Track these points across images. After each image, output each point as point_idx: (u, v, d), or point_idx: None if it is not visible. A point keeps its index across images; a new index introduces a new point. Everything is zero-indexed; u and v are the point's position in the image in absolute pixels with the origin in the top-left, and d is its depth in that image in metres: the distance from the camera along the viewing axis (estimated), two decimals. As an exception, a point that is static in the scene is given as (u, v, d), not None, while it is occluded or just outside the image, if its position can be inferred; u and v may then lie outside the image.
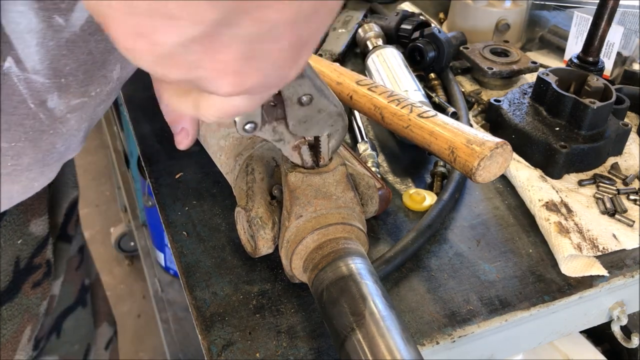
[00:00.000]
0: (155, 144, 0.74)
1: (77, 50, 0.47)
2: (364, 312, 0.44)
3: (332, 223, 0.50)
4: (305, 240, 0.50)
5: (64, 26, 0.44)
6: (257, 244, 0.52)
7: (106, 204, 2.30)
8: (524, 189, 0.68)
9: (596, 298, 0.61)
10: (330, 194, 0.51)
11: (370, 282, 0.47)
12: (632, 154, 0.76)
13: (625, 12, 0.89)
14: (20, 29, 0.42)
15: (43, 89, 0.46)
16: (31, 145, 0.49)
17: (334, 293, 0.46)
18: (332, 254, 0.49)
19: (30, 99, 0.46)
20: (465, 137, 0.57)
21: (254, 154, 0.55)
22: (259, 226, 0.52)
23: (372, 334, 0.43)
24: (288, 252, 0.51)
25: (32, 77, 0.45)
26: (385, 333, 0.43)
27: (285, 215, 0.51)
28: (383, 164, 0.74)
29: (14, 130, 0.47)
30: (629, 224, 0.65)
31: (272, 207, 0.53)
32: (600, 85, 0.73)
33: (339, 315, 0.45)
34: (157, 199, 0.67)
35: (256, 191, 0.53)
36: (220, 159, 0.60)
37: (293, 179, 0.49)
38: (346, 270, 0.47)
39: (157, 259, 1.67)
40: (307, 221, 0.50)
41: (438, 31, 0.88)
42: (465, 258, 0.61)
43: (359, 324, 0.43)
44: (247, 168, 0.55)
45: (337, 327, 0.45)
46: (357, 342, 0.43)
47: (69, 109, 0.49)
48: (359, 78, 0.71)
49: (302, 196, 0.50)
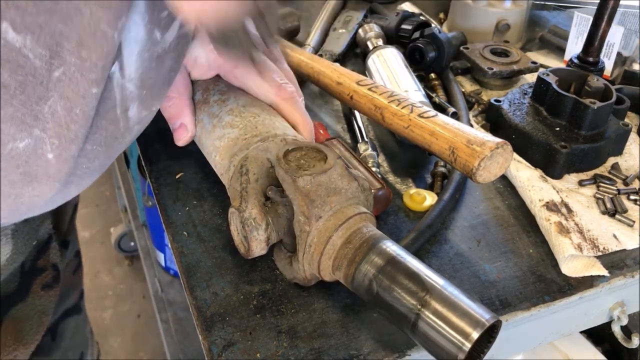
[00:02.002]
0: (155, 144, 0.74)
1: (160, 65, 0.50)
2: (426, 287, 0.45)
3: (351, 215, 0.50)
4: (332, 239, 0.50)
5: (159, 41, 0.48)
6: (250, 245, 0.52)
7: (106, 204, 2.30)
8: (524, 189, 0.68)
9: (596, 298, 0.61)
10: (339, 189, 0.51)
11: (411, 259, 0.47)
12: (633, 154, 0.76)
13: (625, 12, 0.89)
14: (129, 37, 0.45)
15: (130, 97, 0.48)
16: (104, 151, 0.50)
17: (385, 279, 0.46)
18: (364, 243, 0.49)
19: (119, 106, 0.48)
20: (465, 137, 0.57)
21: (249, 155, 0.55)
22: (253, 227, 0.51)
23: (443, 304, 0.43)
24: (313, 256, 0.51)
25: (127, 84, 0.47)
26: (454, 300, 0.44)
27: (302, 221, 0.50)
28: (383, 164, 0.74)
29: (99, 134, 0.48)
30: (630, 224, 0.65)
31: (266, 208, 0.53)
32: (600, 86, 0.73)
33: (400, 298, 0.45)
34: (157, 199, 0.67)
35: (250, 192, 0.53)
36: (215, 159, 0.60)
37: (302, 182, 0.49)
38: (387, 255, 0.48)
39: (157, 259, 1.67)
40: (326, 220, 0.50)
41: (438, 31, 0.88)
42: (465, 258, 0.61)
43: (425, 300, 0.44)
44: (242, 169, 0.54)
45: (401, 311, 0.45)
46: (431, 315, 0.44)
47: (138, 120, 0.51)
48: (359, 78, 0.71)
49: (317, 197, 0.49)
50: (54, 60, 0.40)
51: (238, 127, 0.59)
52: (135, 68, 0.47)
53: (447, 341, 0.43)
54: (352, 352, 0.51)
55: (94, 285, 1.99)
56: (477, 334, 0.42)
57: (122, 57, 0.45)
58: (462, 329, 0.42)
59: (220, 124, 0.61)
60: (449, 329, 0.43)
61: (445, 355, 0.43)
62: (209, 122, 0.62)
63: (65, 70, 0.41)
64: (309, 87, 0.88)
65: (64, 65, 0.41)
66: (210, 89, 0.64)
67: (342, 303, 0.55)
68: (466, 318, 0.43)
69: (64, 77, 0.41)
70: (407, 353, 0.52)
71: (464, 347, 0.42)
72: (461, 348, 0.42)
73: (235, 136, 0.58)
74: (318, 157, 0.52)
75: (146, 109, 0.51)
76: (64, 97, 0.42)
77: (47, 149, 0.44)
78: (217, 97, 0.63)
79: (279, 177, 0.51)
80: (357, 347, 0.52)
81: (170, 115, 0.62)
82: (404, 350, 0.52)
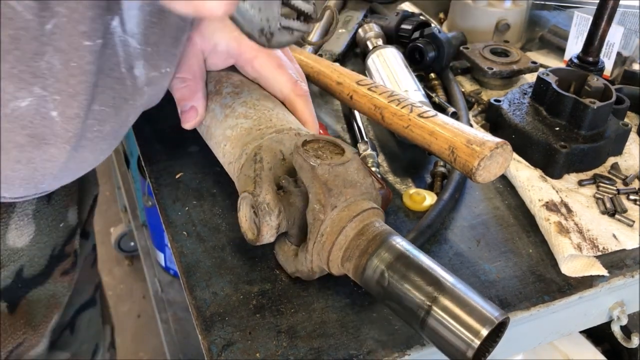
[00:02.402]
0: (155, 144, 0.74)
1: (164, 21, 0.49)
2: (436, 283, 0.45)
3: (366, 209, 0.51)
4: (345, 230, 0.50)
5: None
6: (262, 229, 0.52)
7: (106, 204, 2.30)
8: (524, 189, 0.68)
9: (596, 298, 0.61)
10: (355, 182, 0.51)
11: (422, 256, 0.48)
12: (632, 154, 0.76)
13: (625, 12, 0.89)
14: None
15: (134, 54, 0.48)
16: (114, 113, 0.49)
17: (396, 274, 0.47)
18: (377, 236, 0.49)
19: (124, 63, 0.47)
20: (465, 137, 0.57)
21: (263, 144, 0.55)
22: (266, 212, 0.51)
23: (453, 301, 0.44)
24: (325, 245, 0.51)
25: (129, 39, 0.46)
26: (464, 296, 0.44)
27: (317, 209, 0.50)
28: (383, 164, 0.74)
29: (106, 94, 0.48)
30: (629, 224, 0.65)
31: (279, 196, 0.53)
32: (600, 85, 0.73)
33: (410, 294, 0.45)
34: (157, 199, 0.67)
35: (264, 178, 0.53)
36: (225, 148, 0.60)
37: (321, 171, 0.49)
38: (398, 249, 0.48)
39: (157, 259, 1.67)
40: (341, 211, 0.50)
41: (438, 31, 0.88)
42: (465, 258, 0.61)
43: (435, 296, 0.44)
44: (256, 157, 0.55)
45: (411, 307, 0.45)
46: (440, 311, 0.44)
47: (147, 81, 0.50)
48: (359, 78, 0.71)
49: (334, 187, 0.50)
50: (43, 12, 0.40)
51: (252, 118, 0.59)
52: (137, 23, 0.46)
53: (456, 338, 0.43)
54: (351, 351, 0.51)
55: (94, 285, 1.99)
56: (486, 331, 0.42)
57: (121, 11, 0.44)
58: (472, 326, 0.42)
59: (234, 114, 0.61)
60: (459, 326, 0.43)
61: (454, 352, 0.43)
62: (220, 112, 0.62)
63: (57, 22, 0.41)
64: (309, 87, 0.88)
65: (56, 17, 0.41)
66: (223, 81, 0.65)
67: (341, 303, 0.55)
68: (475, 315, 0.43)
69: (57, 29, 0.41)
70: (406, 353, 0.52)
71: (473, 344, 0.42)
72: (470, 345, 0.42)
73: (249, 126, 0.59)
74: (335, 151, 0.53)
75: (154, 69, 0.51)
76: (59, 50, 0.42)
77: (50, 106, 0.44)
78: (230, 89, 0.63)
79: (297, 165, 0.51)
80: (357, 346, 0.52)
81: (182, 97, 0.62)
82: (403, 350, 0.52)
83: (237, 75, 0.66)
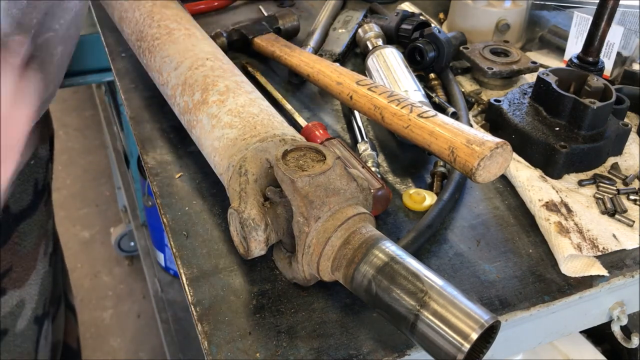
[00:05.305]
0: (156, 144, 0.74)
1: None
2: (424, 288, 0.45)
3: (350, 216, 0.50)
4: (331, 240, 0.50)
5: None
6: (250, 245, 0.52)
7: (106, 204, 2.30)
8: (524, 189, 0.68)
9: (596, 298, 0.61)
10: (338, 189, 0.51)
11: (411, 260, 0.47)
12: (632, 154, 0.76)
13: (625, 12, 0.89)
14: None
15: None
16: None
17: (384, 280, 0.46)
18: (363, 244, 0.49)
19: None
20: (465, 137, 0.57)
21: (247, 156, 0.55)
22: (252, 227, 0.51)
23: (442, 305, 0.44)
24: (312, 257, 0.51)
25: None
26: (453, 300, 0.44)
27: (301, 222, 0.50)
28: (383, 164, 0.74)
29: None
30: (629, 224, 0.65)
31: (265, 209, 0.53)
32: (600, 85, 0.73)
33: (399, 299, 0.45)
34: (157, 199, 0.67)
35: (249, 192, 0.53)
36: (215, 159, 0.60)
37: (301, 184, 0.49)
38: (386, 256, 0.48)
39: (157, 259, 1.67)
40: (325, 221, 0.50)
41: (438, 31, 0.88)
42: (465, 258, 0.61)
43: (424, 301, 0.44)
44: (241, 169, 0.55)
45: (400, 311, 0.45)
46: (430, 316, 0.44)
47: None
48: (359, 78, 0.71)
49: (316, 198, 0.49)
50: None
51: (237, 127, 0.59)
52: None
53: (446, 342, 0.43)
54: (351, 351, 0.51)
55: (94, 286, 1.99)
56: (476, 334, 0.42)
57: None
58: (461, 330, 0.42)
59: (220, 124, 0.61)
60: (448, 330, 0.43)
61: (444, 356, 0.43)
62: (208, 123, 0.62)
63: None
64: (309, 87, 0.88)
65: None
66: (210, 89, 0.65)
67: (341, 303, 0.55)
68: (465, 319, 0.43)
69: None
70: (406, 353, 0.52)
71: (463, 348, 0.42)
72: (460, 349, 0.42)
73: (234, 136, 0.58)
74: (317, 158, 0.52)
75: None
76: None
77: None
78: (215, 97, 0.63)
79: (278, 178, 0.51)
80: (357, 346, 0.52)
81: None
82: (403, 350, 0.52)
83: (222, 81, 0.66)
